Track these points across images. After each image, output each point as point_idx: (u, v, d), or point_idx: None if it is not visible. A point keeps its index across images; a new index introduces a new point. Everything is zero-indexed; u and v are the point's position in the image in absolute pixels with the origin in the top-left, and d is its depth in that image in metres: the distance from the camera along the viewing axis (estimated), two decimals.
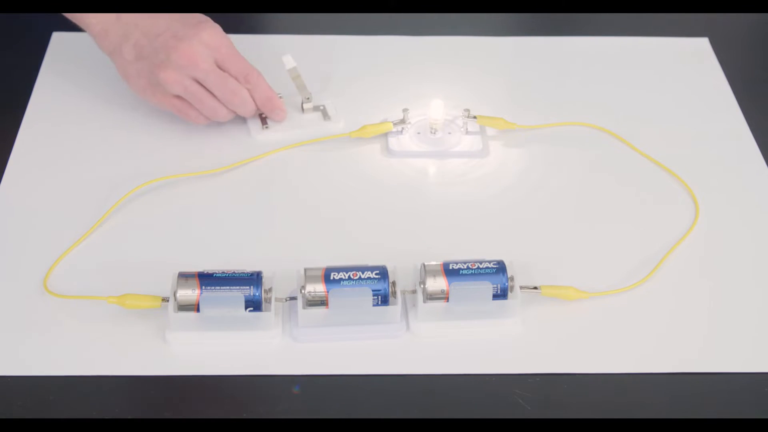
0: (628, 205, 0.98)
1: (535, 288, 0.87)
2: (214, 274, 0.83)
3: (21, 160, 1.00)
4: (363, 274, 0.84)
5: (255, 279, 0.83)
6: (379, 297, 0.83)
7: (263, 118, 1.04)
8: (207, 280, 0.83)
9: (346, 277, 0.83)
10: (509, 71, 1.15)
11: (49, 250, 0.90)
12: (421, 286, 0.84)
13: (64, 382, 0.81)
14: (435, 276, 0.84)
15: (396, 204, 0.97)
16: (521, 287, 0.85)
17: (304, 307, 0.83)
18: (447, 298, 0.84)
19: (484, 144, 1.03)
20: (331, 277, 0.83)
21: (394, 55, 1.15)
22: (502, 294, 0.84)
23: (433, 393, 0.81)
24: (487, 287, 0.84)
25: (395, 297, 0.84)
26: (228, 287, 0.82)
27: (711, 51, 1.17)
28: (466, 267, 0.85)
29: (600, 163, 1.03)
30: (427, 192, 0.99)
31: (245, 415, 0.79)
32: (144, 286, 0.85)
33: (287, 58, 1.03)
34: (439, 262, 0.85)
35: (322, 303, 0.83)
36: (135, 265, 0.89)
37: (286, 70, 1.03)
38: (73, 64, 1.10)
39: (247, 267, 0.84)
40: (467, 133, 1.04)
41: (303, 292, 0.83)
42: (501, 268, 0.85)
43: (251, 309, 0.82)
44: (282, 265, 0.87)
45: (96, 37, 1.00)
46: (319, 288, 0.83)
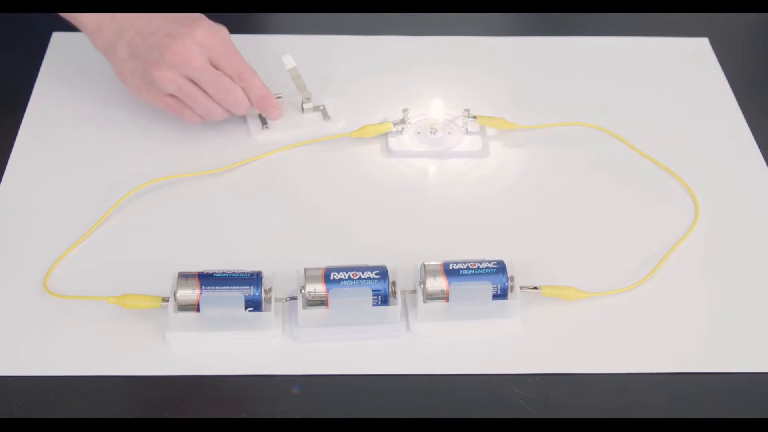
0: (628, 205, 0.98)
1: (535, 288, 0.87)
2: (214, 274, 0.83)
3: (21, 161, 1.00)
4: (363, 274, 0.84)
5: (255, 279, 0.83)
6: (379, 297, 0.83)
7: (263, 118, 1.04)
8: (207, 280, 0.83)
9: (346, 277, 0.83)
10: (509, 71, 1.15)
11: (49, 250, 0.90)
12: (421, 286, 0.84)
13: (64, 382, 0.81)
14: (435, 276, 0.84)
15: (396, 204, 0.97)
16: (521, 287, 0.85)
17: (304, 307, 0.83)
18: (447, 298, 0.84)
19: (484, 144, 1.03)
20: (331, 277, 0.83)
21: (394, 55, 1.15)
22: (502, 294, 0.84)
23: (433, 393, 0.81)
24: (487, 287, 0.84)
25: (395, 297, 0.84)
26: (228, 287, 0.82)
27: (711, 51, 1.17)
28: (466, 267, 0.85)
29: (600, 163, 1.03)
30: (427, 192, 0.99)
31: (245, 415, 0.79)
32: (144, 286, 0.85)
33: (287, 58, 1.03)
34: (439, 262, 0.85)
35: (322, 303, 0.83)
36: (135, 265, 0.89)
37: (286, 70, 1.03)
38: (73, 65, 1.10)
39: (247, 267, 0.84)
40: (467, 133, 1.04)
41: (303, 292, 0.83)
42: (501, 268, 0.85)
43: (251, 309, 0.82)
44: (282, 265, 0.87)
45: (91, 35, 0.99)
46: (319, 288, 0.83)
